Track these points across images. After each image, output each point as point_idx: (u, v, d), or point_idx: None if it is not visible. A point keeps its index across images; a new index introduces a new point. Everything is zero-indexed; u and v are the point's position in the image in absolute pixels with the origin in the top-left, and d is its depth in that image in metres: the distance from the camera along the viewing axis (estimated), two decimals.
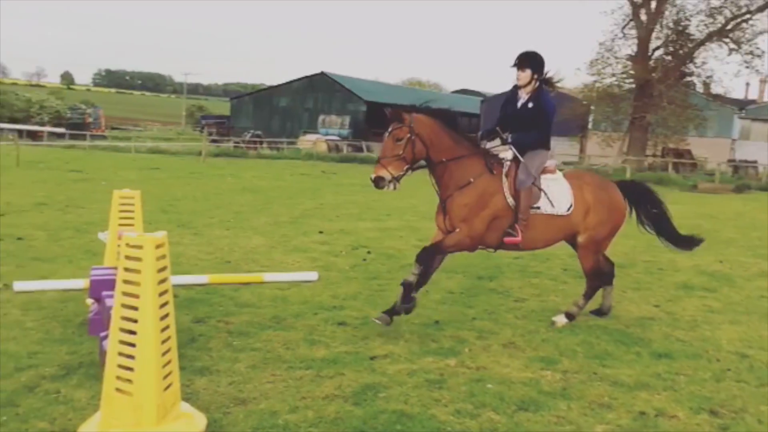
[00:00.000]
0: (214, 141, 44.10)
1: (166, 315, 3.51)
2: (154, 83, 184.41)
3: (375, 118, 54.51)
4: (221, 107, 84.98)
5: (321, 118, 55.91)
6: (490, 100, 52.74)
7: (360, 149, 43.45)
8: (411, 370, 4.64)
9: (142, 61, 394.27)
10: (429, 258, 5.59)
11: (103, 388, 3.46)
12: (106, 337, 4.31)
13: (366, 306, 6.26)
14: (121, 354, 3.43)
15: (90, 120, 61.05)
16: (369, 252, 9.09)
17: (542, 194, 5.78)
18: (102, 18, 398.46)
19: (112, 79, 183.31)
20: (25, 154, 24.40)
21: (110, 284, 4.89)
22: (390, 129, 5.47)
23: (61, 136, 50.46)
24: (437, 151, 5.57)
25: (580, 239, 5.98)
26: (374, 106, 54.31)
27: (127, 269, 3.46)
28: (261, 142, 44.69)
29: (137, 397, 3.34)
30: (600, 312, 6.25)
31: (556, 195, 5.83)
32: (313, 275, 7.35)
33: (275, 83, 64.35)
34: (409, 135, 5.42)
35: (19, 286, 6.23)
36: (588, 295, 6.18)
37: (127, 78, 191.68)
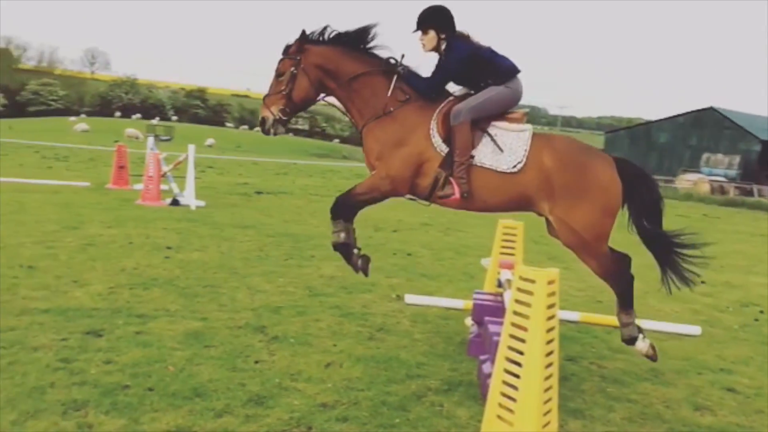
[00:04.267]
0: None
1: (551, 352, 3.50)
2: (530, 116, 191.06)
3: None
4: (594, 141, 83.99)
5: (705, 156, 51.54)
6: None
7: (749, 193, 38.90)
8: None
9: None
10: (346, 211, 4.83)
11: (485, 411, 3.60)
12: (485, 360, 4.50)
13: (759, 374, 5.48)
14: (504, 382, 3.52)
15: None
16: (761, 311, 7.99)
17: (485, 140, 4.67)
18: None
19: None
20: None
21: (492, 310, 5.12)
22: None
23: None
24: (341, 77, 4.83)
25: (558, 230, 4.66)
26: None
27: (517, 301, 3.54)
28: None
29: (517, 427, 3.38)
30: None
31: (504, 147, 4.65)
32: (695, 329, 6.71)
33: (654, 117, 61.61)
34: (292, 69, 4.77)
35: (410, 299, 6.90)
36: (623, 304, 4.80)
37: None
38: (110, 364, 4.46)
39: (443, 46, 4.85)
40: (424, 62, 5.03)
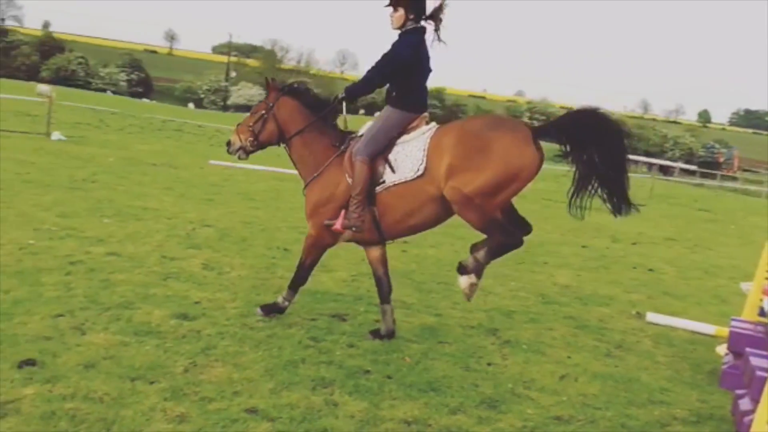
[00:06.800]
0: None
1: None
2: None
3: None
4: None
5: None
6: None
7: None
8: None
9: None
10: (302, 281, 5.29)
11: None
12: (743, 396, 4.05)
13: None
14: None
15: (722, 160, 60.04)
16: None
17: (389, 161, 4.77)
18: (739, 59, 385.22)
19: (749, 119, 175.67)
20: (657, 187, 25.46)
21: (754, 341, 4.60)
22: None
23: (691, 173, 51.11)
24: (291, 132, 5.23)
25: (445, 192, 4.54)
26: None
27: None
28: None
29: None
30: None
31: (405, 158, 4.74)
32: None
33: None
34: (263, 112, 5.29)
35: (651, 317, 6.44)
36: (491, 251, 4.55)
37: (767, 119, 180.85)
38: (353, 348, 4.74)
39: (407, 27, 4.84)
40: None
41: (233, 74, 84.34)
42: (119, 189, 10.51)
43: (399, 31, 4.87)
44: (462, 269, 4.69)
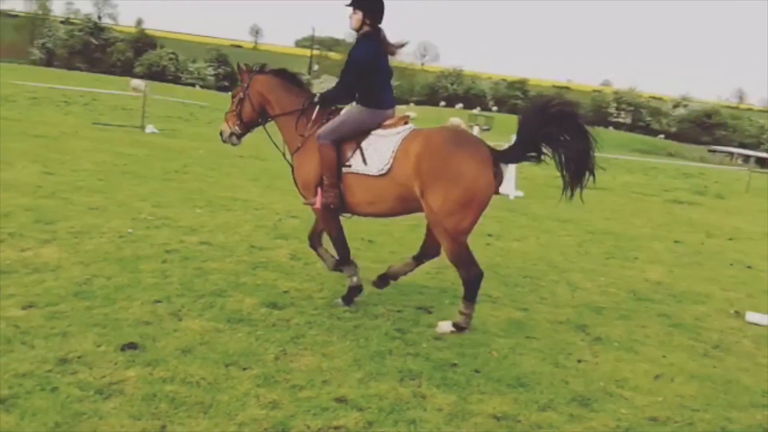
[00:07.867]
0: None
1: None
2: None
3: None
4: None
5: None
6: None
7: None
8: None
9: None
10: (343, 253, 5.45)
11: None
12: None
13: None
14: None
15: None
16: None
17: (357, 152, 5.02)
18: None
19: None
20: (754, 180, 24.23)
21: None
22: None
23: None
24: (275, 109, 5.47)
25: (425, 211, 4.89)
26: None
27: None
28: None
29: None
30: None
31: (374, 153, 4.98)
32: None
33: None
34: (240, 94, 5.55)
35: (752, 317, 6.13)
36: (467, 295, 4.93)
37: None
38: (439, 340, 4.73)
39: (363, 30, 5.11)
40: None
41: (316, 67, 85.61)
42: (209, 180, 10.86)
43: (356, 33, 5.18)
44: (458, 328, 4.90)
